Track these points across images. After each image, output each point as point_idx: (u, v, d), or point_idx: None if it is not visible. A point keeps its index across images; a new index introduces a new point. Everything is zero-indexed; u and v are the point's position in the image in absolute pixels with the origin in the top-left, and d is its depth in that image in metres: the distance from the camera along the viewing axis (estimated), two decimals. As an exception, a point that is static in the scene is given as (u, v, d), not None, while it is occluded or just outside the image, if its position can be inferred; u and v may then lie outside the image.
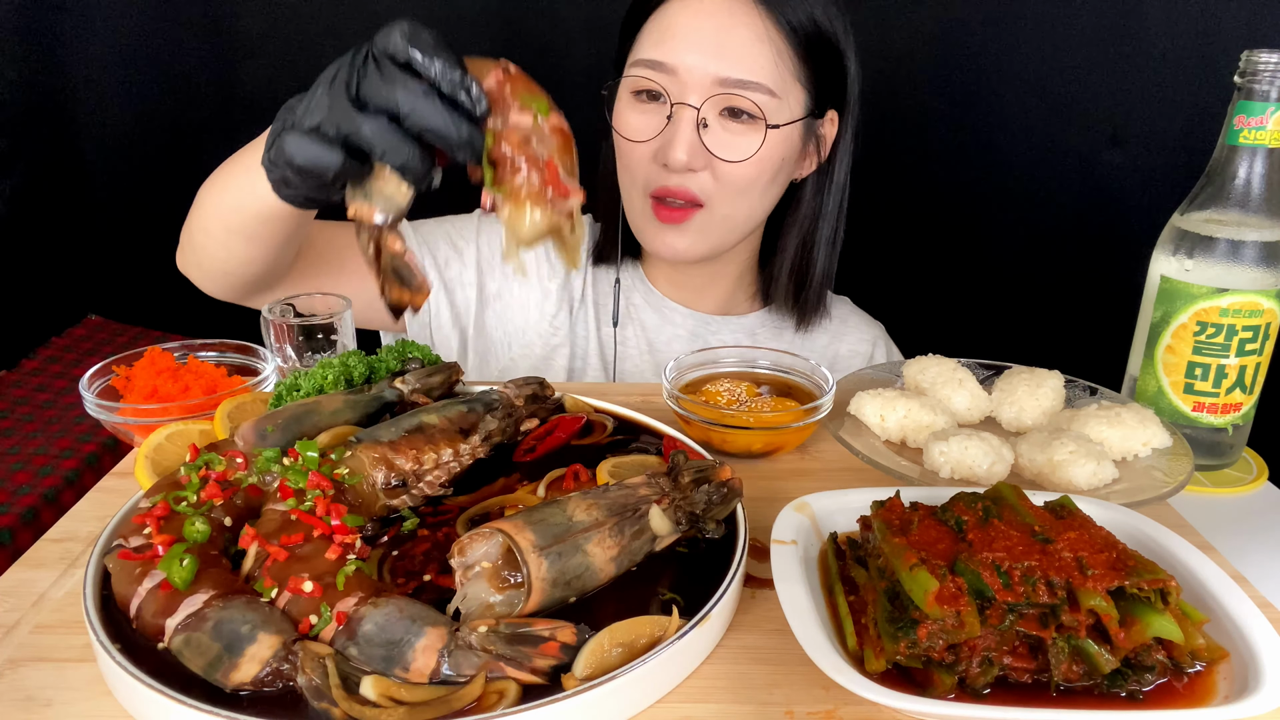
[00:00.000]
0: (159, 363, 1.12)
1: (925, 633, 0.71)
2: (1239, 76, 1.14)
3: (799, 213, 1.57)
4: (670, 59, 1.38)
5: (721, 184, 1.43)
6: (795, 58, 1.40)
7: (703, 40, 1.37)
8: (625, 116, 1.45)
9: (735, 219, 1.49)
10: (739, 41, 1.37)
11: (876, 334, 1.75)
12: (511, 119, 0.91)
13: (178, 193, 2.56)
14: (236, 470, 0.88)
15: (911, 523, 0.80)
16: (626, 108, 1.46)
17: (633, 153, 1.45)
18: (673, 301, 1.67)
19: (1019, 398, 1.20)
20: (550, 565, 0.76)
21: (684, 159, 1.38)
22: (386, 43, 0.89)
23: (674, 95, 1.39)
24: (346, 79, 0.90)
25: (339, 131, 0.89)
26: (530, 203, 0.90)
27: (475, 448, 0.99)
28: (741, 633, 0.83)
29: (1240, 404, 1.22)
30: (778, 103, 1.40)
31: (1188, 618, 0.74)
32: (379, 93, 0.87)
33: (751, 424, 1.10)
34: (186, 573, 0.75)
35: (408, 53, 0.88)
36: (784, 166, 1.47)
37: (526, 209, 0.90)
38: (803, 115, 1.44)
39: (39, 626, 0.82)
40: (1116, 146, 2.07)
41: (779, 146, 1.43)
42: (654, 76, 1.40)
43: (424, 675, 0.70)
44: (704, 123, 1.39)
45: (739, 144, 1.40)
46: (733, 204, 1.45)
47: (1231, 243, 1.16)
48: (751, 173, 1.42)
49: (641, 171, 1.45)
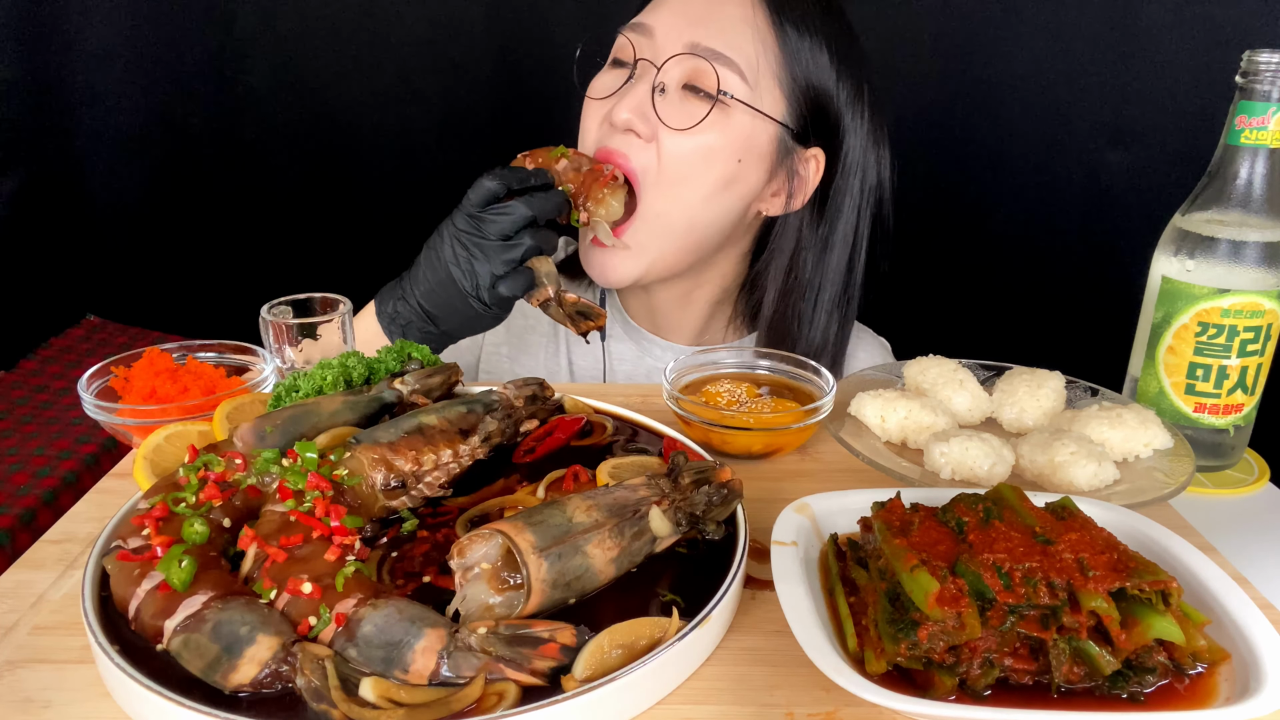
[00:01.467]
0: (158, 363, 1.12)
1: (926, 634, 0.71)
2: (1240, 76, 1.14)
3: (774, 258, 1.49)
4: (649, 19, 1.37)
5: (662, 164, 1.35)
6: (779, 59, 1.35)
7: (687, 7, 1.36)
8: (596, 78, 1.44)
9: (672, 220, 1.39)
10: (723, 15, 1.34)
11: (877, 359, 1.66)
12: (557, 170, 1.34)
13: (176, 193, 2.58)
14: (235, 471, 0.87)
15: (912, 524, 0.80)
16: (601, 72, 1.44)
17: (590, 116, 1.42)
18: (649, 333, 1.62)
19: (1020, 398, 1.19)
20: (550, 566, 0.76)
21: (626, 116, 1.34)
22: (482, 192, 1.27)
23: (644, 56, 1.37)
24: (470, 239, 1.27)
25: (510, 261, 1.26)
26: (607, 193, 1.33)
27: (475, 449, 0.98)
28: (742, 634, 0.82)
29: (1242, 405, 1.22)
30: (747, 90, 1.34)
31: (1189, 619, 0.74)
32: (509, 222, 1.26)
33: (752, 425, 1.09)
34: (185, 574, 0.75)
35: (501, 188, 1.27)
36: (739, 175, 1.38)
37: (605, 198, 1.33)
38: (777, 119, 1.37)
39: (37, 628, 0.81)
40: (1117, 146, 2.07)
41: (733, 139, 1.35)
42: (631, 38, 1.38)
43: (423, 677, 0.70)
44: (662, 88, 1.35)
45: (689, 116, 1.33)
46: (668, 196, 1.37)
47: (1233, 243, 1.16)
48: (695, 156, 1.35)
49: (591, 137, 1.41)
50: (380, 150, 2.48)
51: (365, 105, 2.44)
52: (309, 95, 2.44)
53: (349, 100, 2.43)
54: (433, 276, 1.31)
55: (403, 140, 2.46)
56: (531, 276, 1.28)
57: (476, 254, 1.27)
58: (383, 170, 2.50)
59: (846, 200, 1.46)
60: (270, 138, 2.49)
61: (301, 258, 2.53)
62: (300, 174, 2.52)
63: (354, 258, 2.49)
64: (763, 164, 1.40)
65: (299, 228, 2.55)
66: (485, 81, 2.37)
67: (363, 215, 2.55)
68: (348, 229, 2.55)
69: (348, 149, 2.49)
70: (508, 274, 1.27)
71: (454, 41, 2.35)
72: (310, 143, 2.48)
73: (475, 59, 2.36)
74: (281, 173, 2.52)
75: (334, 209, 2.54)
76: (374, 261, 2.46)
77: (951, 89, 2.17)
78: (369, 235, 2.55)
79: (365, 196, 2.53)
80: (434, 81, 2.39)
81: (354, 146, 2.49)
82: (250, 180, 2.52)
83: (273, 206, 2.55)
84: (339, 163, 2.51)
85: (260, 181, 2.53)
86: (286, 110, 2.46)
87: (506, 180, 1.28)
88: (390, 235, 2.54)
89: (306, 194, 2.54)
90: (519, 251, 1.26)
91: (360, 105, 2.44)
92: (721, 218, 1.42)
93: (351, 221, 2.55)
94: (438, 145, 2.45)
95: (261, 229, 2.56)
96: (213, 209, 2.55)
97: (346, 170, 2.52)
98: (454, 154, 2.43)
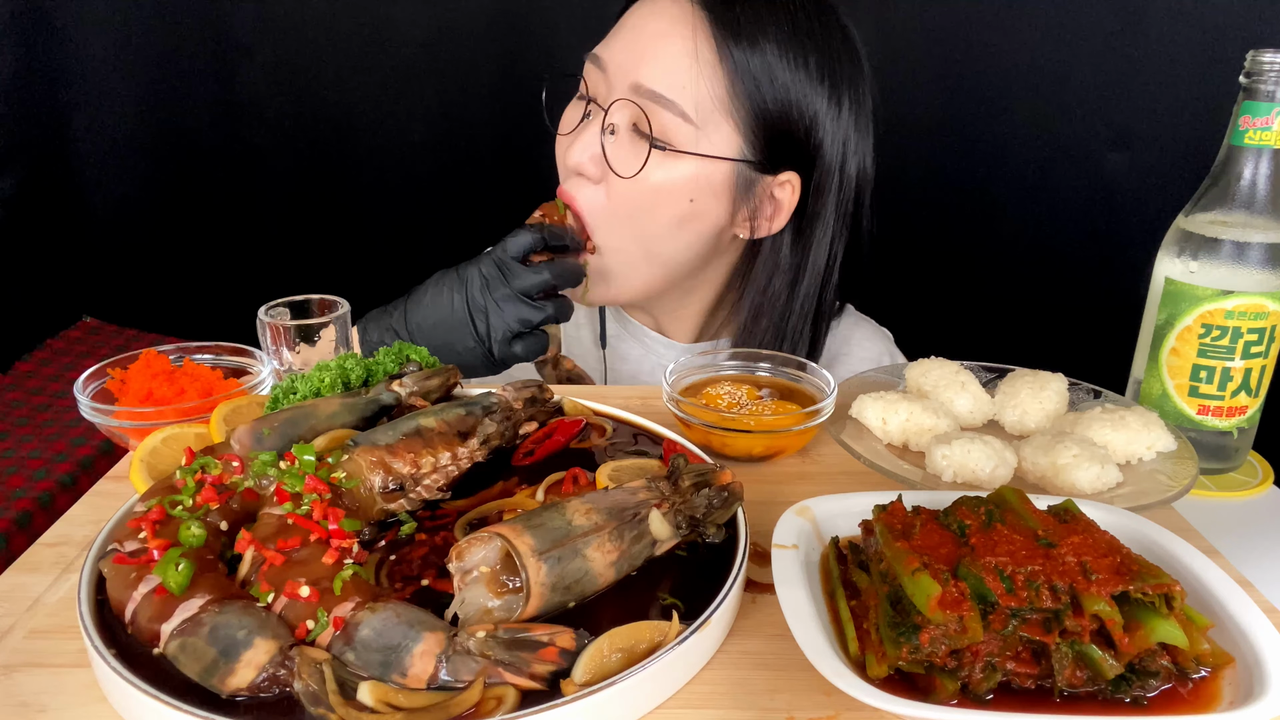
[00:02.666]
0: (154, 365, 1.11)
1: (927, 638, 0.70)
2: (1244, 77, 1.13)
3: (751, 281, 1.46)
4: (604, 53, 1.35)
5: (611, 204, 1.35)
6: (730, 91, 1.29)
7: (634, 42, 1.32)
8: (565, 111, 1.44)
9: (630, 253, 1.39)
10: (668, 53, 1.29)
11: (882, 349, 1.67)
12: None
13: (173, 194, 2.58)
14: (232, 474, 0.87)
15: (914, 527, 0.80)
16: (570, 105, 1.44)
17: (558, 146, 1.43)
18: (651, 330, 1.62)
19: (1022, 400, 1.19)
20: (549, 570, 0.76)
21: (579, 158, 1.34)
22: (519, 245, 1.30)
23: (597, 94, 1.36)
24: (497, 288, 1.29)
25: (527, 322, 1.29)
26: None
27: (474, 451, 0.98)
28: (742, 638, 0.82)
29: (1245, 407, 1.22)
30: (694, 133, 1.30)
31: (1192, 623, 0.74)
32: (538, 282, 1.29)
33: (752, 427, 1.09)
34: (182, 577, 0.74)
35: (539, 244, 1.31)
36: (696, 212, 1.35)
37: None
38: (729, 156, 1.33)
39: (33, 632, 0.81)
40: (1120, 147, 2.07)
41: (681, 180, 1.32)
42: (590, 75, 1.37)
43: (422, 681, 0.70)
44: (612, 129, 1.33)
45: (635, 161, 1.32)
46: (621, 232, 1.36)
47: (1236, 244, 1.15)
48: (643, 199, 1.33)
49: (560, 167, 1.42)
50: (378, 151, 2.48)
51: (363, 105, 2.43)
52: (307, 95, 2.43)
53: (347, 100, 2.43)
54: (437, 314, 1.30)
55: (401, 141, 2.45)
56: (546, 342, 1.34)
57: (496, 305, 1.29)
58: (381, 171, 2.50)
59: (819, 224, 1.41)
60: (268, 138, 2.48)
61: (299, 259, 2.53)
62: (298, 175, 2.52)
63: (352, 259, 2.49)
64: (720, 199, 1.36)
65: (297, 229, 2.55)
66: (485, 83, 2.37)
67: (360, 216, 2.55)
68: (345, 230, 2.55)
69: (346, 149, 2.49)
70: (525, 335, 1.31)
71: (454, 42, 2.35)
72: (308, 143, 2.48)
73: (475, 60, 2.36)
74: (279, 174, 2.51)
75: (332, 210, 2.54)
76: (372, 263, 2.47)
77: (952, 89, 2.16)
78: (367, 237, 2.55)
79: (363, 197, 2.53)
80: (433, 83, 2.39)
81: (352, 147, 2.48)
82: (248, 181, 2.52)
83: (270, 207, 2.54)
84: (337, 163, 2.50)
85: (258, 182, 2.52)
86: (284, 111, 2.45)
87: (543, 237, 1.31)
88: (388, 236, 2.55)
89: (304, 195, 2.53)
90: (540, 315, 1.29)
91: (358, 105, 2.43)
92: (685, 250, 1.41)
93: (349, 223, 2.55)
94: (436, 147, 2.45)
95: (259, 230, 2.56)
96: (210, 210, 2.55)
97: (344, 171, 2.51)
98: (453, 155, 2.43)
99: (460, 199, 2.44)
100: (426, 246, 2.38)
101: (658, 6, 1.33)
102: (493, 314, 1.29)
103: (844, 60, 1.36)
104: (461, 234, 2.09)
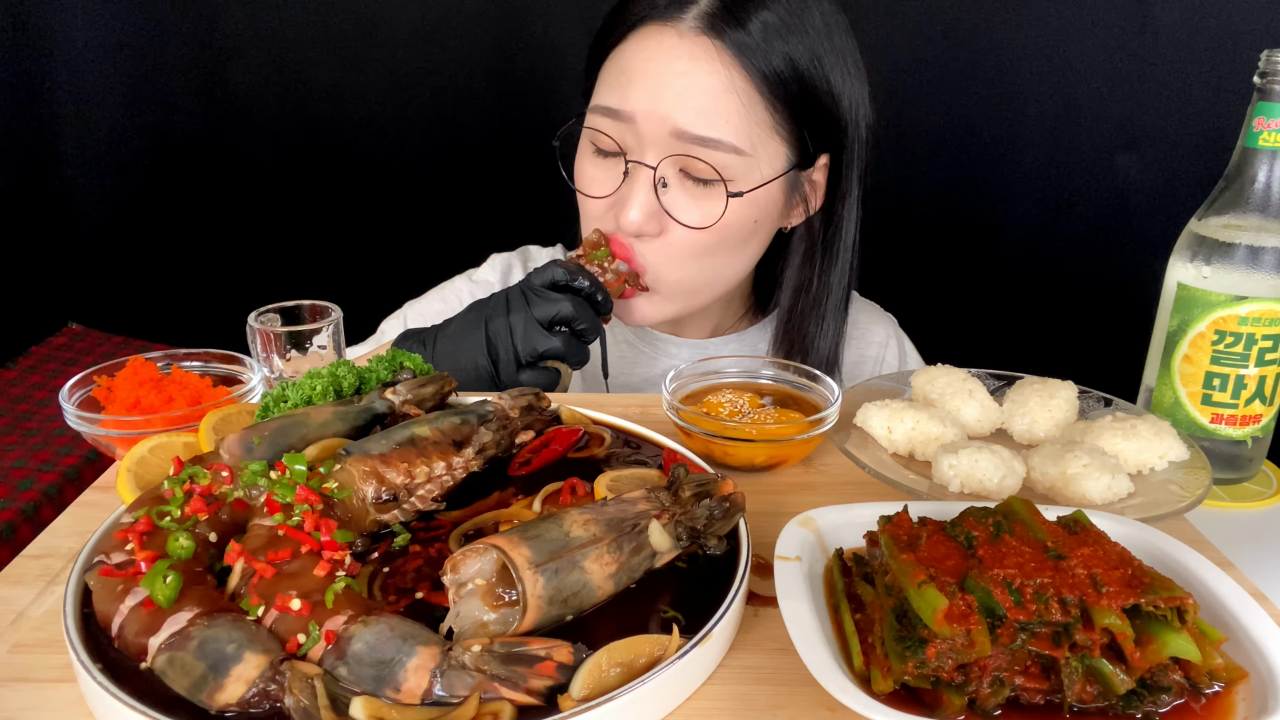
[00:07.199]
0: (141, 373, 1.10)
1: (934, 652, 0.69)
2: (1258, 77, 1.13)
3: (789, 267, 1.49)
4: (626, 105, 1.31)
5: (671, 249, 1.35)
6: (770, 108, 1.30)
7: (661, 87, 1.28)
8: (584, 168, 1.40)
9: (692, 283, 1.41)
10: (702, 91, 1.27)
11: (888, 332, 1.69)
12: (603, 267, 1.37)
13: (160, 199, 2.58)
14: (222, 484, 0.86)
15: (920, 538, 0.79)
16: (586, 160, 1.40)
17: (591, 207, 1.40)
18: (663, 334, 1.62)
19: (1031, 409, 1.17)
20: (546, 582, 0.75)
21: (637, 220, 1.32)
22: (547, 275, 1.29)
23: (631, 149, 1.33)
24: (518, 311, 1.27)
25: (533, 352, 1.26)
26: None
27: (469, 461, 0.97)
28: (744, 652, 0.81)
29: (1260, 415, 1.20)
30: (747, 162, 1.30)
31: (1205, 636, 0.73)
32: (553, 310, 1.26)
33: (754, 436, 1.08)
34: (170, 590, 0.74)
35: (567, 278, 1.29)
36: (759, 229, 1.38)
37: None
38: (782, 171, 1.35)
39: (18, 645, 0.80)
40: (1131, 150, 2.06)
41: (748, 209, 1.34)
42: (611, 128, 1.33)
43: (415, 696, 0.69)
44: (663, 181, 1.32)
45: (699, 209, 1.32)
46: (683, 269, 1.38)
47: (1251, 249, 1.14)
48: (710, 240, 1.34)
49: (601, 224, 1.40)
50: (370, 153, 2.48)
51: (354, 106, 2.43)
52: (297, 97, 2.43)
53: (338, 102, 2.43)
54: (460, 329, 1.31)
55: (394, 143, 2.45)
56: (556, 378, 1.31)
57: (509, 328, 1.28)
58: (373, 174, 2.50)
59: (849, 197, 1.44)
60: (257, 141, 2.48)
61: (290, 264, 2.53)
62: (288, 178, 2.52)
63: (344, 264, 2.49)
64: (777, 207, 1.40)
65: (287, 233, 2.55)
66: (479, 82, 2.37)
67: (352, 220, 2.55)
68: (337, 234, 2.55)
69: (337, 151, 2.49)
70: (535, 367, 1.29)
71: (447, 41, 2.35)
72: (298, 146, 2.48)
73: (469, 59, 2.36)
74: (269, 177, 2.51)
75: (323, 214, 2.54)
76: (365, 268, 2.47)
77: (962, 91, 2.16)
78: (359, 241, 2.55)
79: (355, 201, 2.53)
80: (426, 82, 2.38)
81: (343, 149, 2.48)
82: (237, 184, 2.52)
83: (260, 211, 2.54)
84: (328, 166, 2.51)
85: (247, 186, 2.52)
86: (274, 113, 2.45)
87: (573, 274, 1.29)
88: (381, 240, 2.55)
89: (295, 198, 2.53)
90: (547, 345, 1.27)
91: (349, 106, 2.43)
92: (747, 265, 1.46)
93: (341, 227, 2.55)
94: (430, 148, 2.45)
95: (249, 234, 2.56)
96: (198, 214, 2.55)
97: (335, 173, 2.51)
98: (447, 157, 2.43)
99: (454, 202, 2.44)
100: (419, 250, 2.37)
101: (664, 42, 1.29)
102: (507, 335, 1.28)
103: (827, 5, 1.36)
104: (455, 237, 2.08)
